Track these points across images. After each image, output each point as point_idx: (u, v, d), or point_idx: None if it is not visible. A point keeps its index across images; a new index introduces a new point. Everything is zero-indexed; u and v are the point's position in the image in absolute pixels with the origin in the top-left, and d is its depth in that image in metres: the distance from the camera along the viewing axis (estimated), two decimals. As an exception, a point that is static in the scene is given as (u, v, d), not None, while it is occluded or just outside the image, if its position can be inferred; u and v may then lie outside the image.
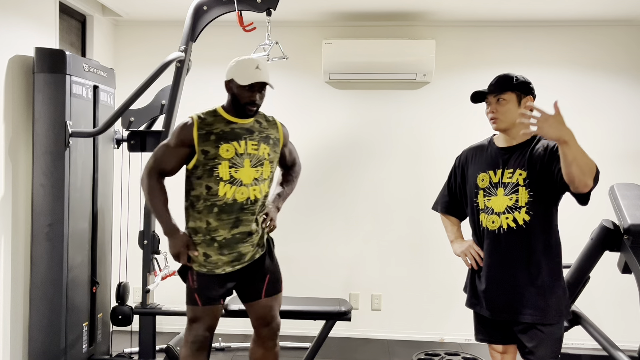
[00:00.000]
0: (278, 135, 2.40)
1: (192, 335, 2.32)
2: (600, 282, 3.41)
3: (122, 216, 3.29)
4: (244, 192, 2.24)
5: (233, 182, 2.22)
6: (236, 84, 2.23)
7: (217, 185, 2.22)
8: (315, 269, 4.00)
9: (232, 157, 2.22)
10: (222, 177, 2.21)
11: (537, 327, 2.09)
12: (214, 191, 2.22)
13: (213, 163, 2.21)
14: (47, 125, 2.76)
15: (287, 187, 2.53)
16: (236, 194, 2.22)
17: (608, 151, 3.92)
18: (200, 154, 2.22)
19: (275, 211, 2.41)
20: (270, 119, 2.42)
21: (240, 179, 2.23)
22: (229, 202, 2.22)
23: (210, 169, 2.22)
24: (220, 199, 2.22)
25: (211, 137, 2.23)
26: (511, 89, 2.15)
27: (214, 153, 2.21)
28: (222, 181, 2.21)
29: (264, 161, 2.30)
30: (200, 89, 4.06)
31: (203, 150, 2.22)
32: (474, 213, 2.25)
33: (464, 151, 2.39)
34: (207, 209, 2.24)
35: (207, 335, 2.34)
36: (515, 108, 2.15)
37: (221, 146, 2.22)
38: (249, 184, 2.24)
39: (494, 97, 2.16)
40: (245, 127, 2.29)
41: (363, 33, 4.02)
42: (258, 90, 2.24)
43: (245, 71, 2.22)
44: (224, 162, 2.21)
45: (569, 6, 3.61)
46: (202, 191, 2.24)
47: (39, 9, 3.07)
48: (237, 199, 2.23)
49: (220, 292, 2.33)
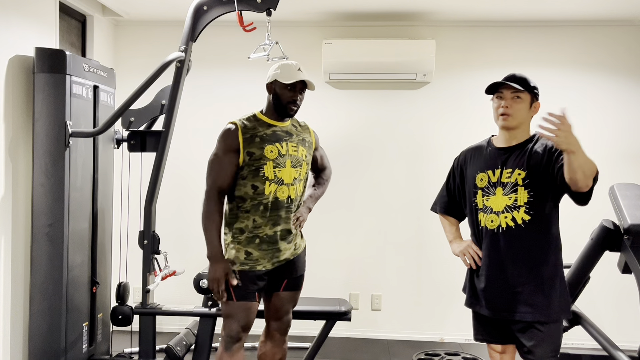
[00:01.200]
0: (311, 139, 2.54)
1: (227, 331, 2.36)
2: (600, 282, 3.41)
3: (122, 216, 3.29)
4: (285, 191, 2.36)
5: (278, 181, 2.34)
6: (279, 83, 2.35)
7: (263, 184, 2.33)
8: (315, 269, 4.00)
9: (275, 157, 2.34)
10: (268, 176, 2.32)
11: (536, 326, 2.09)
12: (260, 190, 2.33)
13: (258, 164, 2.32)
14: (47, 125, 2.76)
15: (319, 189, 2.65)
16: (278, 193, 2.34)
17: (608, 151, 3.92)
18: (245, 156, 2.33)
19: (306, 211, 2.51)
20: (303, 124, 2.55)
21: (283, 178, 2.35)
22: (273, 200, 2.34)
23: (256, 169, 2.33)
24: (266, 197, 2.33)
25: (256, 140, 2.34)
26: (528, 90, 2.15)
27: (260, 154, 2.32)
28: (267, 180, 2.33)
29: (302, 162, 2.42)
30: (200, 89, 4.07)
31: (248, 152, 2.33)
32: (473, 213, 2.25)
33: (462, 152, 2.40)
34: (254, 207, 2.34)
35: (241, 332, 2.35)
36: (527, 109, 2.16)
37: (266, 147, 2.33)
38: (290, 183, 2.37)
39: (512, 93, 2.15)
40: (284, 130, 2.42)
41: (363, 33, 4.02)
42: (299, 90, 2.37)
43: (288, 72, 2.34)
44: (269, 162, 2.33)
45: (569, 6, 3.61)
46: (247, 191, 2.34)
47: (39, 9, 3.07)
48: (279, 197, 2.34)
49: (255, 287, 2.36)
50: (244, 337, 2.38)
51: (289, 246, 2.41)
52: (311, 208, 2.56)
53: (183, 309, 2.95)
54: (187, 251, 3.96)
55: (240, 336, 2.35)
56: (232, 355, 2.35)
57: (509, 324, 2.17)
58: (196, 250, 3.99)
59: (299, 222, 2.44)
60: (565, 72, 3.99)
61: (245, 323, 2.36)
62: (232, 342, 2.35)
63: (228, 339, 2.35)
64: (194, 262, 3.43)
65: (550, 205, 2.13)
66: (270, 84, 2.39)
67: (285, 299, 2.48)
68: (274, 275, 2.42)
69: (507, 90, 2.16)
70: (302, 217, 2.46)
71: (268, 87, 2.40)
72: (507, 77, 2.18)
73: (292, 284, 2.48)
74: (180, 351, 2.86)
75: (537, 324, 2.09)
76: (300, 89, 2.37)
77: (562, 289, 2.14)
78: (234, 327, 2.34)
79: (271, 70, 2.40)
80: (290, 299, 2.50)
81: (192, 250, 4.00)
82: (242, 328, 2.35)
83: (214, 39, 3.76)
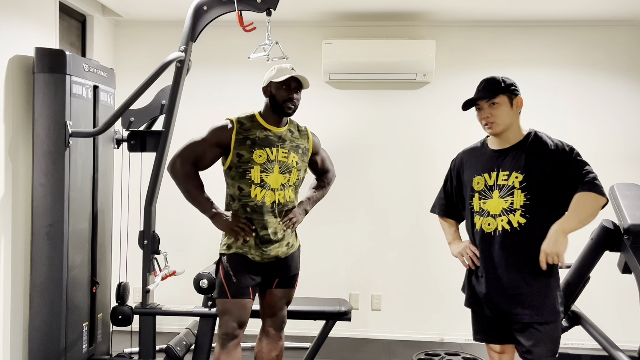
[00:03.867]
0: (308, 145, 2.55)
1: (223, 329, 2.38)
2: (600, 282, 3.41)
3: (122, 216, 3.29)
4: (271, 196, 2.38)
5: (263, 185, 2.36)
6: (274, 84, 2.38)
7: (249, 187, 2.36)
8: (315, 269, 4.00)
9: (263, 162, 2.37)
10: (254, 180, 2.36)
11: (534, 327, 2.10)
12: (245, 192, 2.37)
13: (246, 166, 2.36)
14: (47, 125, 2.76)
15: (318, 192, 2.67)
16: (265, 197, 2.37)
17: (608, 151, 3.92)
18: (234, 157, 2.37)
19: (300, 212, 2.52)
20: (303, 129, 2.56)
21: (269, 183, 2.37)
22: (259, 203, 2.37)
23: (243, 172, 2.37)
24: (251, 200, 2.37)
25: (247, 142, 2.37)
26: (502, 92, 2.15)
27: (248, 157, 2.36)
28: (253, 184, 2.36)
29: (292, 168, 2.43)
30: (200, 89, 4.07)
31: (238, 153, 2.36)
32: (469, 215, 2.26)
33: (458, 154, 2.40)
34: (241, 208, 2.40)
35: (237, 328, 2.37)
36: (509, 110, 2.16)
37: (255, 152, 2.36)
38: (276, 189, 2.39)
39: (486, 102, 2.16)
40: (278, 135, 2.43)
41: (363, 33, 4.02)
42: (294, 89, 2.39)
43: (281, 72, 2.38)
44: (256, 166, 2.36)
45: (568, 6, 3.61)
46: (235, 191, 2.40)
47: (39, 9, 3.07)
48: (266, 202, 2.37)
49: (248, 282, 2.38)
50: (240, 334, 2.39)
51: (278, 245, 2.43)
52: (308, 210, 2.58)
53: (183, 309, 2.95)
54: (187, 251, 3.97)
55: (237, 333, 2.37)
56: (228, 353, 2.36)
57: (508, 324, 2.17)
58: (196, 250, 4.02)
59: (291, 222, 2.45)
60: (564, 72, 3.99)
61: (241, 320, 2.38)
62: (229, 340, 2.36)
63: (224, 336, 2.37)
64: (194, 262, 3.44)
65: (547, 208, 2.12)
66: (266, 87, 2.43)
67: (278, 296, 2.50)
68: (267, 272, 2.44)
69: (482, 100, 2.17)
70: (295, 219, 2.47)
71: (264, 90, 2.43)
72: (478, 88, 2.21)
73: (284, 282, 2.50)
74: (180, 351, 2.86)
75: (535, 324, 2.10)
76: (295, 87, 2.39)
77: (558, 289, 2.15)
78: (229, 324, 2.36)
79: (266, 74, 2.45)
80: (283, 296, 2.52)
81: (192, 250, 4.02)
82: (238, 325, 2.37)
83: (214, 39, 3.76)
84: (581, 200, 2.05)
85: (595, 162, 2.31)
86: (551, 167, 2.10)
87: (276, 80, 2.36)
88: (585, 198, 2.05)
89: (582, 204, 2.05)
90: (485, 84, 2.19)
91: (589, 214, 2.06)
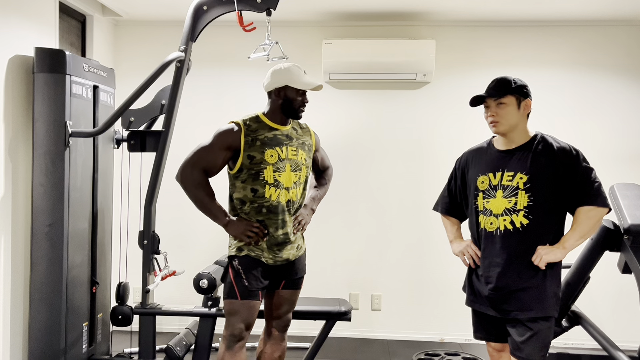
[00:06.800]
0: (311, 141, 2.56)
1: (229, 330, 2.37)
2: (600, 282, 3.41)
3: (122, 216, 3.29)
4: (286, 195, 2.38)
5: (277, 185, 2.36)
6: (292, 89, 2.37)
7: (263, 188, 2.35)
8: (315, 268, 4.00)
9: (275, 162, 2.36)
10: (268, 180, 2.34)
11: (526, 324, 2.12)
12: (260, 193, 2.35)
13: (258, 167, 2.34)
14: (47, 125, 2.76)
15: (321, 190, 2.68)
16: (280, 197, 2.36)
17: (608, 151, 3.92)
18: (245, 159, 2.34)
19: (308, 213, 2.52)
20: (304, 126, 2.57)
21: (282, 182, 2.36)
22: (275, 203, 2.36)
23: (255, 173, 2.34)
24: (267, 201, 2.36)
25: (257, 143, 2.35)
26: (510, 92, 2.16)
27: (260, 158, 2.34)
28: (267, 184, 2.34)
29: (302, 166, 2.44)
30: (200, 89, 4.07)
31: (249, 155, 2.34)
32: (473, 214, 2.26)
33: (464, 153, 2.40)
34: (254, 210, 2.37)
35: (244, 330, 2.36)
36: (515, 111, 2.17)
37: (266, 152, 2.34)
38: (290, 187, 2.39)
39: (494, 101, 2.17)
40: (285, 134, 2.43)
41: (363, 33, 4.02)
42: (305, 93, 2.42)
43: (300, 78, 2.37)
44: (268, 166, 2.34)
45: (569, 6, 3.61)
46: (246, 194, 2.37)
47: (39, 9, 3.07)
48: (281, 201, 2.36)
49: (258, 285, 2.37)
50: (246, 336, 2.39)
51: (290, 247, 2.43)
52: (314, 209, 2.58)
53: (183, 309, 2.95)
54: (187, 251, 3.97)
55: (243, 335, 2.37)
56: (234, 355, 2.35)
57: (505, 322, 2.18)
58: (196, 250, 4.02)
59: (300, 225, 2.45)
60: (564, 72, 3.98)
61: (248, 321, 2.37)
62: (235, 341, 2.36)
63: (231, 337, 2.36)
64: (194, 262, 3.44)
65: (552, 210, 2.13)
66: (279, 89, 2.38)
67: (284, 297, 2.50)
68: (276, 274, 2.44)
69: (490, 99, 2.18)
70: (304, 220, 2.47)
71: (276, 92, 2.39)
72: (488, 86, 2.21)
73: (291, 284, 2.50)
74: (180, 351, 2.86)
75: (527, 321, 2.11)
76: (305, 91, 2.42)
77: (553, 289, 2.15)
78: (237, 326, 2.35)
79: (276, 75, 2.39)
80: (289, 297, 2.52)
81: (192, 250, 4.02)
82: (245, 326, 2.36)
83: (214, 39, 3.76)
84: (585, 216, 2.11)
85: (596, 162, 2.32)
86: (557, 169, 2.10)
87: (297, 87, 2.36)
88: (588, 213, 2.10)
89: (585, 219, 2.11)
90: (496, 82, 2.19)
91: (590, 227, 2.12)
